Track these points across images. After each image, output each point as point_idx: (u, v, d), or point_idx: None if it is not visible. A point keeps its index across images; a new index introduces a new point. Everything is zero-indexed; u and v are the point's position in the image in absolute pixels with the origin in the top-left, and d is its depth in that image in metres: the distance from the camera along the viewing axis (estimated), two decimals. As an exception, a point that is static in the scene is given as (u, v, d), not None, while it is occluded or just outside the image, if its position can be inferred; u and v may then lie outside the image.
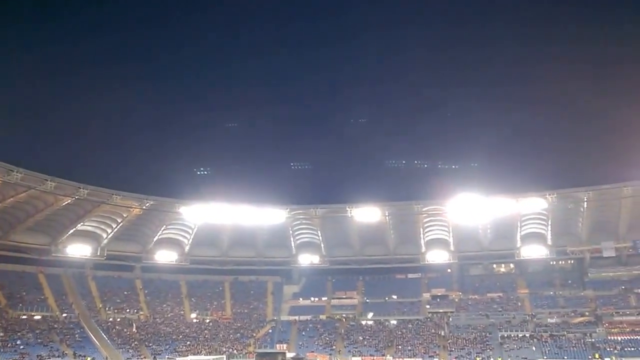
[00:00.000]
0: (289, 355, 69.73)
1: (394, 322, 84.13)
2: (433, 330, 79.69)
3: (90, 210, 78.01)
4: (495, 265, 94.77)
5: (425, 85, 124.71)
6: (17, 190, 68.33)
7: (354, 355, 74.04)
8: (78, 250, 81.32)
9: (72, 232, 79.98)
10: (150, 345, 74.47)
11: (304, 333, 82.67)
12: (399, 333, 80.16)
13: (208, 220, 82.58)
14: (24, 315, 73.50)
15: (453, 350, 72.87)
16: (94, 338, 72.80)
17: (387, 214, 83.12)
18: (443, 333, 78.39)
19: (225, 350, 74.45)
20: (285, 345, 77.09)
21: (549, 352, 69.77)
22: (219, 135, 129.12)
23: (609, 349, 67.91)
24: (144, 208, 79.63)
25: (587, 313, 77.88)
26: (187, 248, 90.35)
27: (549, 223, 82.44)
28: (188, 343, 76.79)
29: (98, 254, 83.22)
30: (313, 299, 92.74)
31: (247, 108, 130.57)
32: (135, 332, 77.45)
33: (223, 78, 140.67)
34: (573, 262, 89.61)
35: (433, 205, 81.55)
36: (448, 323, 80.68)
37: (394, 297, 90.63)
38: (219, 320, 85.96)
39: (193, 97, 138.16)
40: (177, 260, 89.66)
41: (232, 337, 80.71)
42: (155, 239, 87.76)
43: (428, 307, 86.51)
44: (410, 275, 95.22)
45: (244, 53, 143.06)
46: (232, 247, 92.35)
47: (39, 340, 67.70)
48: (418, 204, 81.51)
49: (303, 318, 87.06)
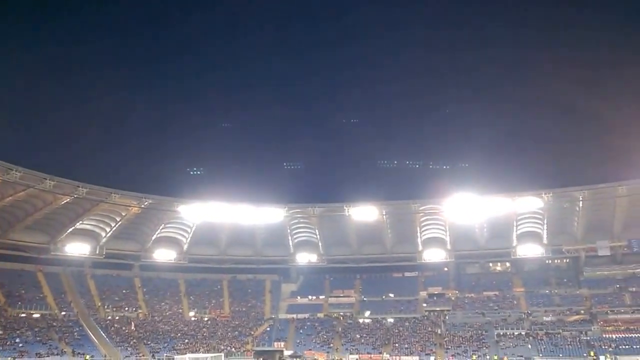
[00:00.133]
0: (287, 353, 70.23)
1: (391, 320, 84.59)
2: (430, 329, 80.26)
3: (89, 209, 78.30)
4: (492, 264, 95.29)
5: (423, 86, 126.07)
6: (16, 189, 68.55)
7: (352, 353, 74.38)
8: (77, 249, 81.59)
9: (71, 230, 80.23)
10: (149, 343, 74.82)
11: (302, 331, 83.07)
12: (396, 331, 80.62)
13: (206, 219, 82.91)
14: (23, 314, 73.81)
15: (449, 348, 73.36)
16: (93, 336, 73.11)
17: (384, 213, 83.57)
18: (440, 331, 78.95)
19: (224, 348, 74.83)
20: (283, 343, 77.44)
21: (545, 349, 70.30)
22: (218, 135, 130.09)
23: (604, 347, 68.52)
24: (143, 207, 79.90)
25: (582, 311, 78.44)
26: (185, 247, 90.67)
27: (545, 222, 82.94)
28: (186, 341, 77.12)
29: (97, 253, 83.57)
30: (311, 298, 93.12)
31: (245, 108, 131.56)
32: (134, 330, 77.78)
33: (223, 78, 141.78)
34: (568, 260, 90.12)
35: (430, 205, 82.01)
36: (444, 321, 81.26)
37: (391, 295, 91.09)
38: (217, 319, 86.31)
39: (192, 97, 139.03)
40: (175, 259, 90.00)
41: (230, 335, 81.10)
42: (154, 238, 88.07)
43: (425, 305, 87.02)
44: (407, 274, 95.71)
45: (244, 53, 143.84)
46: (230, 245, 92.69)
47: (38, 339, 68.00)
48: (415, 203, 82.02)
49: (301, 316, 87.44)
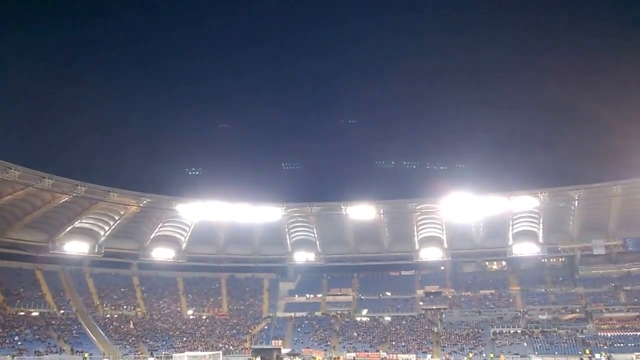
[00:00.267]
0: (285, 351, 70.68)
1: (388, 318, 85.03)
2: (426, 327, 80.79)
3: (88, 208, 78.41)
4: (488, 263, 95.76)
5: (420, 87, 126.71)
6: (14, 188, 68.50)
7: (349, 351, 74.82)
8: (75, 248, 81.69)
9: (69, 229, 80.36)
10: (147, 342, 75.13)
11: (300, 329, 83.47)
12: (393, 329, 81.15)
13: (205, 218, 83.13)
14: (22, 312, 73.93)
15: (446, 346, 73.94)
16: (92, 334, 73.38)
17: (381, 212, 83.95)
18: (436, 329, 79.49)
19: (222, 347, 75.05)
20: (281, 342, 77.84)
21: (540, 347, 70.85)
22: (217, 136, 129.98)
23: (599, 345, 69.00)
24: (141, 206, 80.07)
25: (577, 310, 79.03)
26: (183, 245, 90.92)
27: (541, 221, 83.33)
28: (185, 339, 77.46)
29: (95, 251, 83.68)
30: (308, 296, 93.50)
31: (244, 109, 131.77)
32: (133, 328, 78.07)
33: (221, 79, 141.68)
34: (564, 259, 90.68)
35: (427, 204, 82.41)
36: (441, 319, 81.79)
37: (388, 293, 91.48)
38: (216, 317, 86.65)
39: (191, 98, 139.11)
40: (174, 258, 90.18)
41: (228, 333, 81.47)
42: (152, 237, 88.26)
43: (421, 303, 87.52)
44: (404, 273, 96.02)
45: (242, 54, 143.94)
46: (228, 244, 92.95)
47: (37, 337, 68.21)
48: (412, 202, 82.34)
49: (298, 314, 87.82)
